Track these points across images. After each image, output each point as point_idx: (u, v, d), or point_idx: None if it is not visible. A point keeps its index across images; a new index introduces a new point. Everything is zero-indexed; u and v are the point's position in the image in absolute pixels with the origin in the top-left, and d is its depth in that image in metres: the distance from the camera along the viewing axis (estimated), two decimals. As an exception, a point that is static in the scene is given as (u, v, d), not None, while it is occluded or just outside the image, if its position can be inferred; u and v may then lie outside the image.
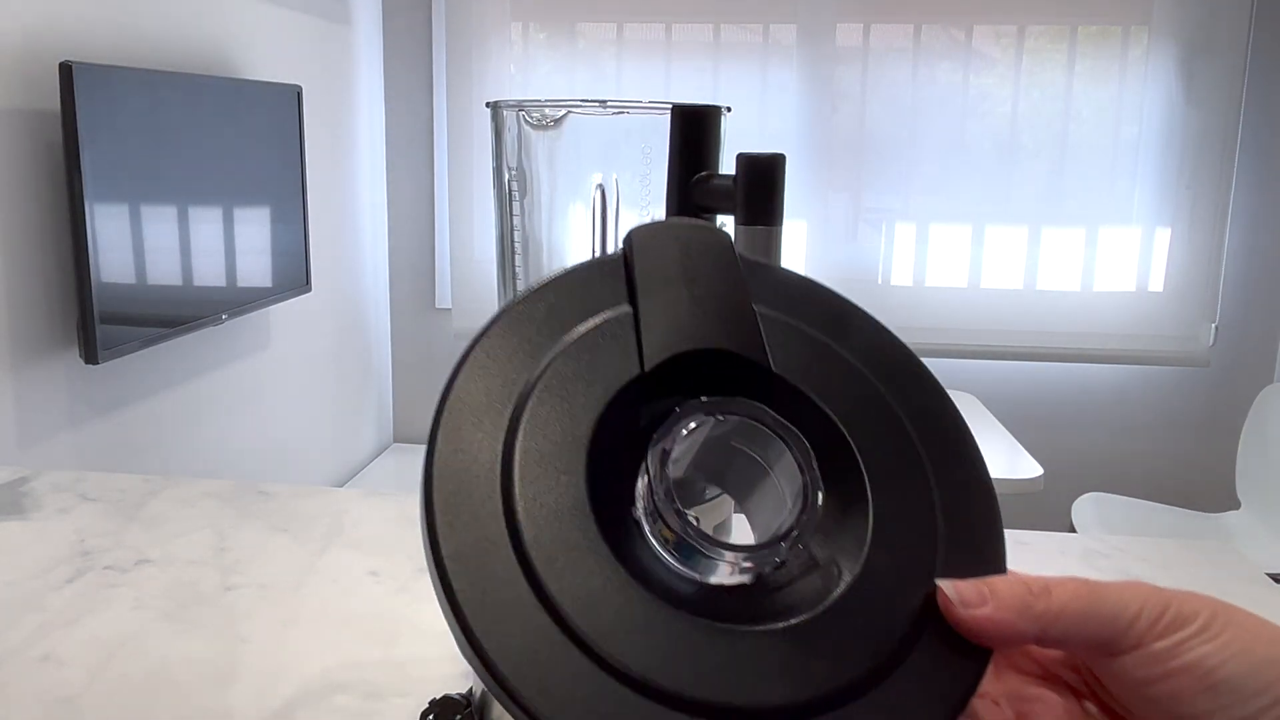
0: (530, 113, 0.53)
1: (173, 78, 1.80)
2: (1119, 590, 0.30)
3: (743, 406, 0.33)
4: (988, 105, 2.83)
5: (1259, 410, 2.52)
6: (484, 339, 0.32)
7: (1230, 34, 2.73)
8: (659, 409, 0.33)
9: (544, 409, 0.31)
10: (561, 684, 0.27)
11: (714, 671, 0.28)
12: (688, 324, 0.34)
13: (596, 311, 0.34)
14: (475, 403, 0.31)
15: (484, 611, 0.27)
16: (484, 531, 0.28)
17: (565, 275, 0.35)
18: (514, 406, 0.31)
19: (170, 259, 1.81)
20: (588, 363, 0.32)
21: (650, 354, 0.33)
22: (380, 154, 3.01)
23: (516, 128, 0.54)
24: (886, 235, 2.94)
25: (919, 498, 0.33)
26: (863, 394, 0.35)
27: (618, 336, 0.33)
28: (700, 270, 0.36)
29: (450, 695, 0.55)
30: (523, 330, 0.33)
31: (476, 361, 0.32)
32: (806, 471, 0.32)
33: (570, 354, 0.32)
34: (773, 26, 2.87)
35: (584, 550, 0.29)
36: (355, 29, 2.78)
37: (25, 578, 0.74)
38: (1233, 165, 2.79)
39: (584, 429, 0.31)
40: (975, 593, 0.31)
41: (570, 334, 0.33)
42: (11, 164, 1.56)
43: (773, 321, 0.35)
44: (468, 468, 0.30)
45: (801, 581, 0.32)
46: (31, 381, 1.61)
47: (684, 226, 0.37)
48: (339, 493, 0.93)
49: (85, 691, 0.60)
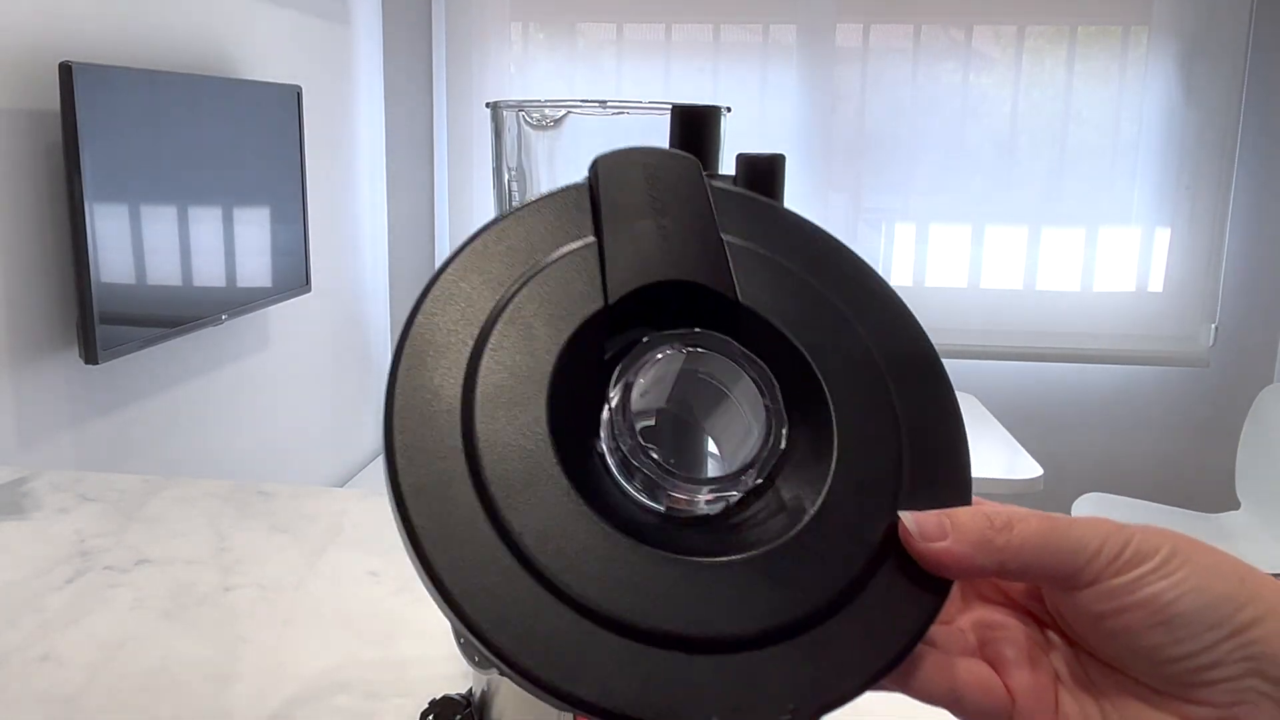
0: (530, 113, 0.53)
1: (173, 78, 1.80)
2: (1081, 526, 0.30)
3: (707, 339, 0.32)
4: (987, 105, 2.83)
5: (1259, 410, 2.52)
6: (446, 272, 0.32)
7: (1230, 34, 2.73)
8: (623, 342, 0.32)
9: (506, 343, 0.31)
10: (520, 616, 0.27)
11: (671, 602, 0.28)
12: (653, 255, 0.33)
13: (561, 243, 0.33)
14: (436, 338, 0.31)
15: (443, 545, 0.27)
16: (444, 466, 0.28)
17: (529, 206, 0.34)
18: (475, 341, 0.31)
19: (170, 259, 1.81)
20: (551, 296, 0.32)
21: (614, 287, 0.32)
22: (380, 154, 3.01)
23: (516, 128, 0.54)
24: (886, 235, 2.94)
25: (885, 429, 0.33)
26: (831, 324, 0.34)
27: (582, 269, 0.32)
28: (667, 199, 0.35)
29: (450, 695, 0.55)
30: (485, 263, 0.32)
31: (439, 295, 0.31)
32: (770, 404, 0.32)
33: (534, 287, 0.32)
34: (773, 26, 2.87)
35: (544, 483, 0.29)
36: (355, 29, 2.78)
37: (25, 578, 0.74)
38: (1232, 165, 2.79)
39: (546, 363, 0.31)
40: (935, 525, 0.31)
41: (534, 266, 0.32)
42: (11, 164, 1.56)
43: (742, 251, 0.35)
44: (428, 403, 0.29)
45: (764, 514, 0.32)
46: (31, 381, 1.61)
47: (651, 153, 0.36)
48: (339, 493, 0.93)
49: (85, 691, 0.60)
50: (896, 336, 0.35)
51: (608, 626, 0.27)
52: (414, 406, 0.29)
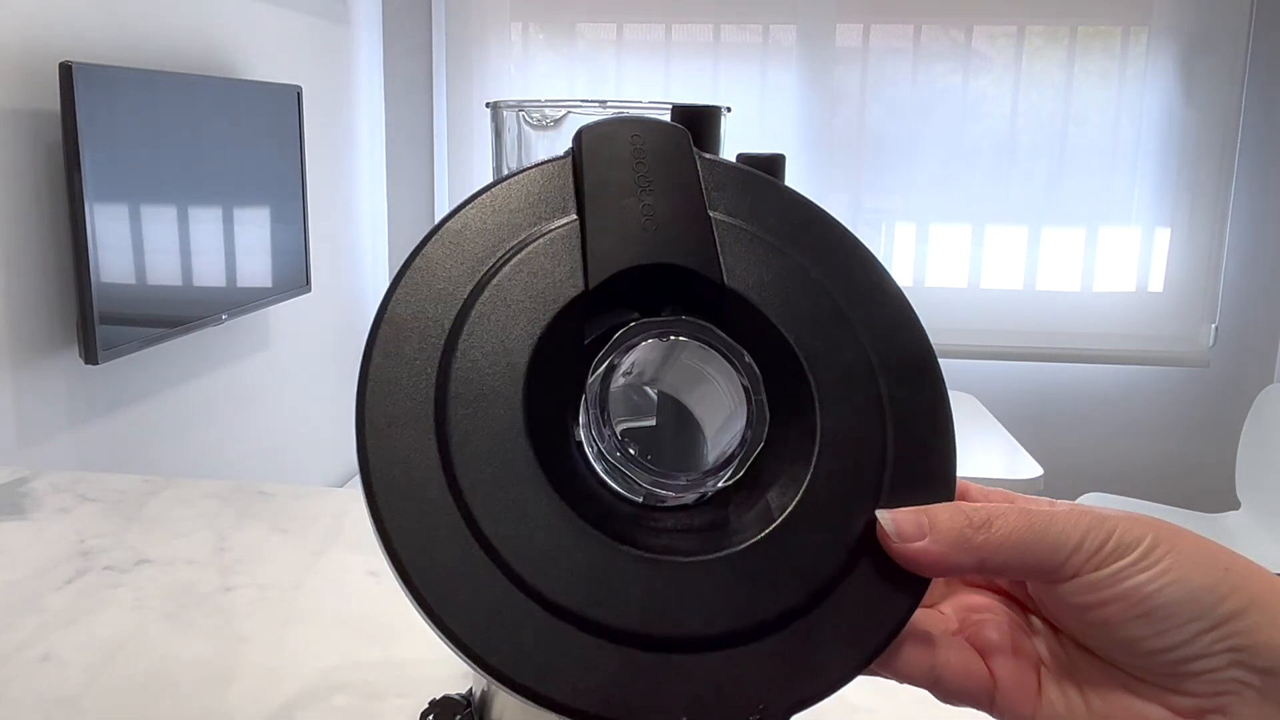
0: (530, 113, 0.53)
1: (173, 78, 1.80)
2: (1062, 520, 0.30)
3: (689, 327, 0.31)
4: (987, 105, 2.83)
5: (1259, 410, 2.52)
6: (421, 253, 0.31)
7: (1230, 34, 2.73)
8: (604, 325, 0.31)
9: (481, 329, 0.30)
10: (490, 614, 0.27)
11: (643, 601, 0.27)
12: (636, 236, 0.32)
13: (543, 220, 0.32)
14: (410, 323, 0.30)
15: (413, 537, 0.27)
16: (416, 457, 0.28)
17: (509, 181, 0.33)
18: (451, 325, 0.30)
19: (170, 259, 1.81)
20: (530, 279, 0.31)
21: (595, 270, 0.31)
22: (380, 154, 3.01)
23: (516, 128, 0.54)
24: (886, 235, 2.94)
25: (871, 421, 0.32)
26: (820, 309, 0.33)
27: (562, 251, 0.31)
28: (653, 175, 0.33)
29: (450, 695, 0.55)
30: (462, 244, 0.31)
31: (413, 279, 0.30)
32: (752, 397, 0.31)
33: (512, 269, 0.31)
34: (773, 27, 2.87)
35: (516, 475, 0.28)
36: (355, 29, 2.78)
37: (25, 578, 0.74)
38: (1233, 165, 2.79)
39: (523, 351, 0.30)
40: (913, 525, 0.30)
41: (512, 247, 0.31)
42: (11, 164, 1.56)
43: (730, 229, 0.33)
44: (402, 392, 0.29)
45: (743, 509, 0.31)
46: (31, 381, 1.61)
47: (639, 124, 0.34)
48: (339, 493, 0.93)
49: (85, 691, 0.60)
50: (892, 331, 0.34)
51: (579, 625, 0.27)
52: (386, 395, 0.29)
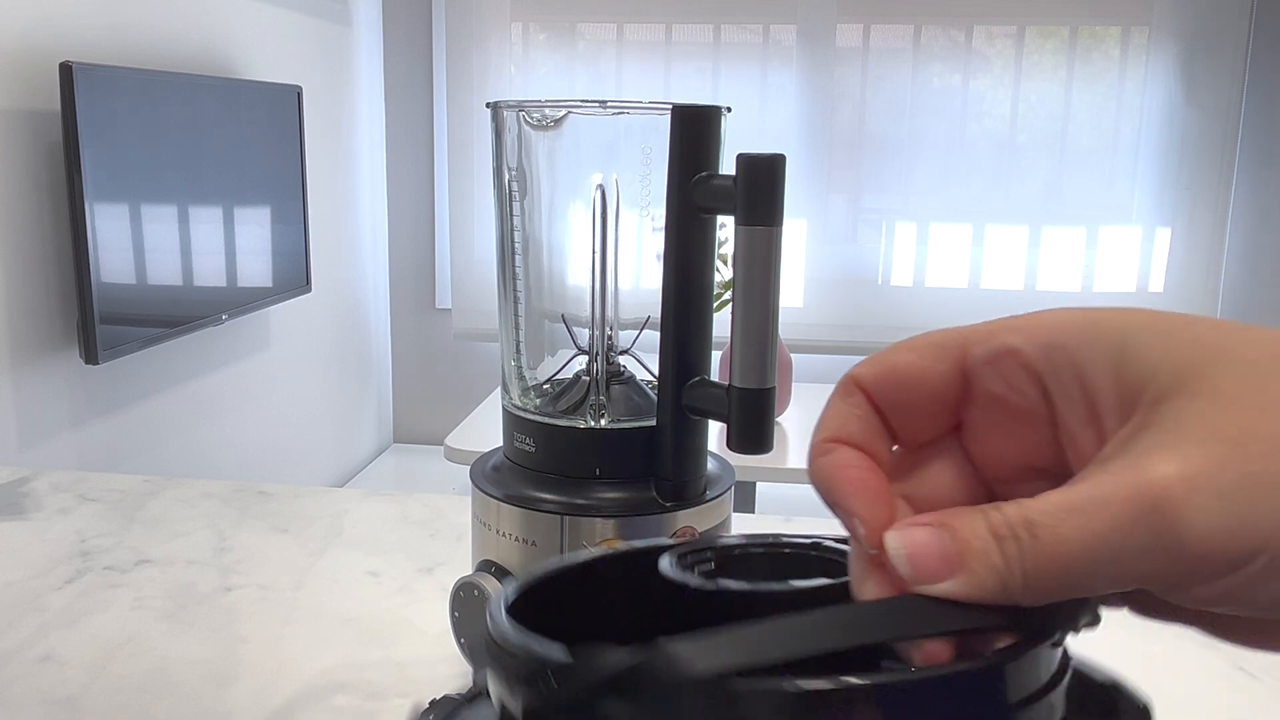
0: (530, 113, 0.53)
1: (173, 78, 1.80)
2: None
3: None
4: (987, 105, 2.83)
5: (1259, 410, 2.52)
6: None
7: (1230, 34, 2.73)
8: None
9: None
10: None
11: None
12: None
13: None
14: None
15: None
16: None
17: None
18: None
19: (170, 259, 1.81)
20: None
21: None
22: (380, 154, 3.01)
23: (516, 128, 0.54)
24: (886, 235, 2.94)
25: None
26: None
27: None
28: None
29: (450, 695, 0.55)
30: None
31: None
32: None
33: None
34: (773, 27, 2.87)
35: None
36: (355, 29, 2.78)
37: (25, 578, 0.74)
38: (1233, 165, 2.79)
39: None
40: (939, 558, 0.24)
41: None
42: (11, 164, 1.56)
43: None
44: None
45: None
46: (31, 381, 1.61)
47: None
48: (339, 493, 0.93)
49: (85, 691, 0.60)
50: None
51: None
52: None
